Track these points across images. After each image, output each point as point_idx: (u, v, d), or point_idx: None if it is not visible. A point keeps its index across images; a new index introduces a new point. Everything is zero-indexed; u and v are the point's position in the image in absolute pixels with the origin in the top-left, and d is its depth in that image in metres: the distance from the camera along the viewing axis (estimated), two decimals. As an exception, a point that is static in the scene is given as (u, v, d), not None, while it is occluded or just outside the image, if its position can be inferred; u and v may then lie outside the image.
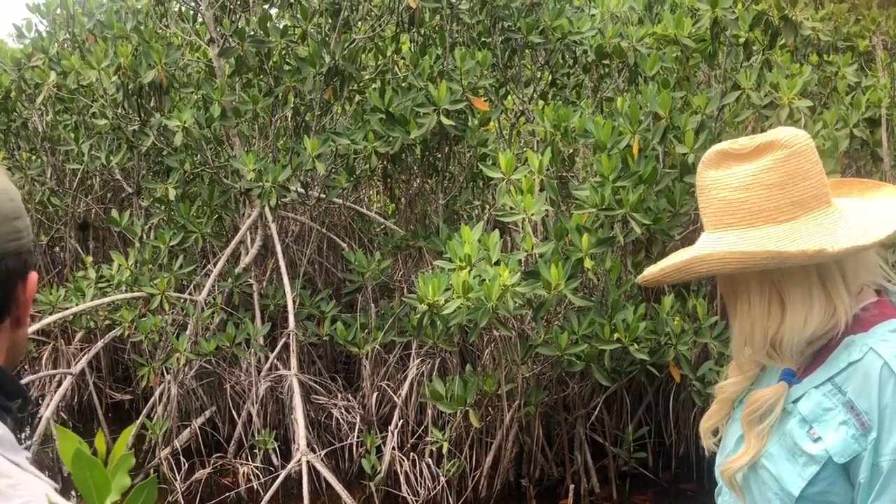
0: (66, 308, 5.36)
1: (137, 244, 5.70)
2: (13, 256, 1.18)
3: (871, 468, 1.55)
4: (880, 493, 1.55)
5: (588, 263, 4.39)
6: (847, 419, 1.57)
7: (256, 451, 5.24)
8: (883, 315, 1.64)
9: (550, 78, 5.80)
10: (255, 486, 5.13)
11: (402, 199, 6.07)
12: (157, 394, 5.51)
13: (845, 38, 5.65)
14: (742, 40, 4.98)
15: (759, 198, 1.61)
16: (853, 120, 5.07)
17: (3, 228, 1.17)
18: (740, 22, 4.76)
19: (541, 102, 5.44)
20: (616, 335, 4.48)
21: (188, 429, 5.53)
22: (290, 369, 5.30)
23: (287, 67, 5.51)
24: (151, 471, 5.37)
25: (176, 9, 6.10)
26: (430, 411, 5.14)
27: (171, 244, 5.47)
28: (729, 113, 4.80)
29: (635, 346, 4.46)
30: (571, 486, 4.21)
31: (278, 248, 5.59)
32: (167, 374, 5.42)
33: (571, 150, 5.00)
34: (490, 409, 4.95)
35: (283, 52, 5.60)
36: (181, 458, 5.30)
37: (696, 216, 4.97)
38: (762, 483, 1.66)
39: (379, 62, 5.90)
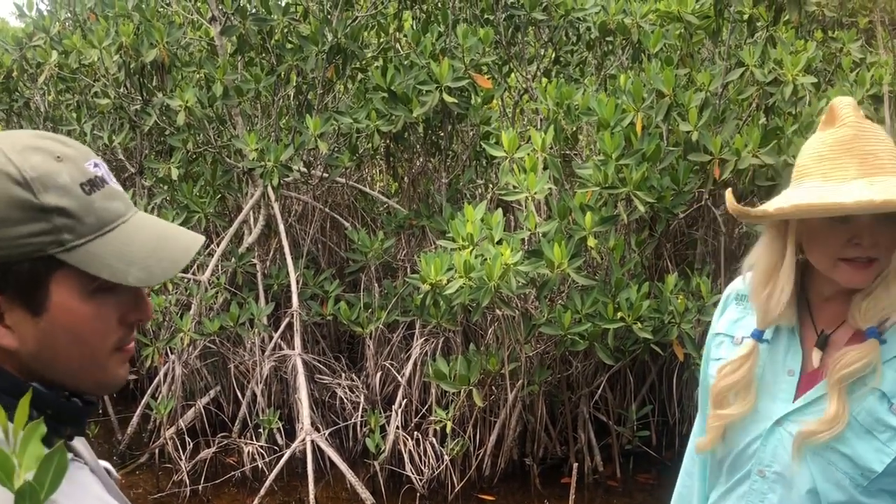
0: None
1: (140, 224, 5.68)
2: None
3: None
4: None
5: (591, 242, 4.38)
6: None
7: (261, 430, 5.26)
8: None
9: (554, 55, 5.77)
10: (260, 466, 5.15)
11: (405, 178, 6.05)
12: (161, 374, 5.52)
13: (850, 13, 5.61)
14: (746, 16, 4.94)
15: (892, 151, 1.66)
16: (858, 97, 5.03)
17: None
18: (745, -2, 4.72)
19: (544, 80, 5.40)
20: (619, 314, 4.47)
21: (193, 408, 5.55)
22: (293, 349, 5.31)
23: (289, 46, 5.49)
24: (156, 451, 5.41)
25: (177, -13, 6.07)
26: (433, 391, 5.15)
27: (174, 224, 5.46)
28: (733, 90, 4.77)
29: (638, 324, 4.46)
30: (575, 465, 4.21)
31: (281, 228, 5.59)
32: (171, 353, 5.43)
33: (575, 128, 4.98)
34: (493, 388, 4.96)
35: (285, 30, 5.57)
36: (186, 437, 5.31)
37: (700, 194, 4.95)
38: (828, 464, 1.65)
39: (381, 40, 5.87)
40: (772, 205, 1.68)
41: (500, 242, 4.26)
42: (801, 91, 4.65)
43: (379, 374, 5.46)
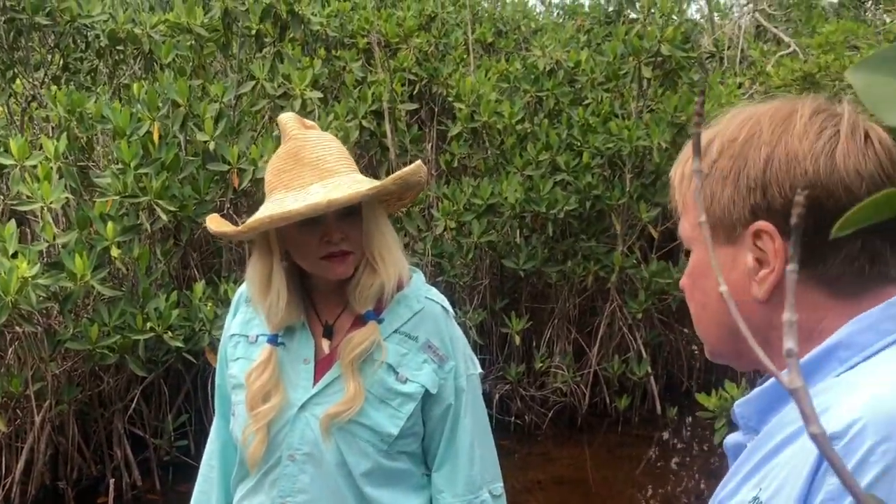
0: None
1: None
2: None
3: (455, 390, 1.88)
4: (467, 406, 1.89)
5: (115, 252, 4.32)
6: (426, 358, 1.85)
7: None
8: None
9: (62, 62, 5.56)
10: None
11: None
12: None
13: (350, 34, 6.13)
14: (254, 32, 5.20)
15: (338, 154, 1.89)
16: (361, 112, 5.53)
17: None
18: (251, 14, 4.97)
19: (53, 87, 5.20)
20: (149, 324, 4.44)
21: None
22: None
23: None
24: None
25: None
26: (-55, 424, 4.70)
27: None
28: (246, 102, 4.99)
29: (169, 333, 4.46)
30: (112, 482, 4.13)
31: None
32: None
33: (89, 137, 4.86)
34: (18, 411, 4.67)
35: None
36: None
37: (223, 203, 5.10)
38: (352, 437, 1.82)
39: None
40: (259, 214, 1.83)
41: (15, 255, 4.04)
42: (309, 105, 5.01)
43: None
